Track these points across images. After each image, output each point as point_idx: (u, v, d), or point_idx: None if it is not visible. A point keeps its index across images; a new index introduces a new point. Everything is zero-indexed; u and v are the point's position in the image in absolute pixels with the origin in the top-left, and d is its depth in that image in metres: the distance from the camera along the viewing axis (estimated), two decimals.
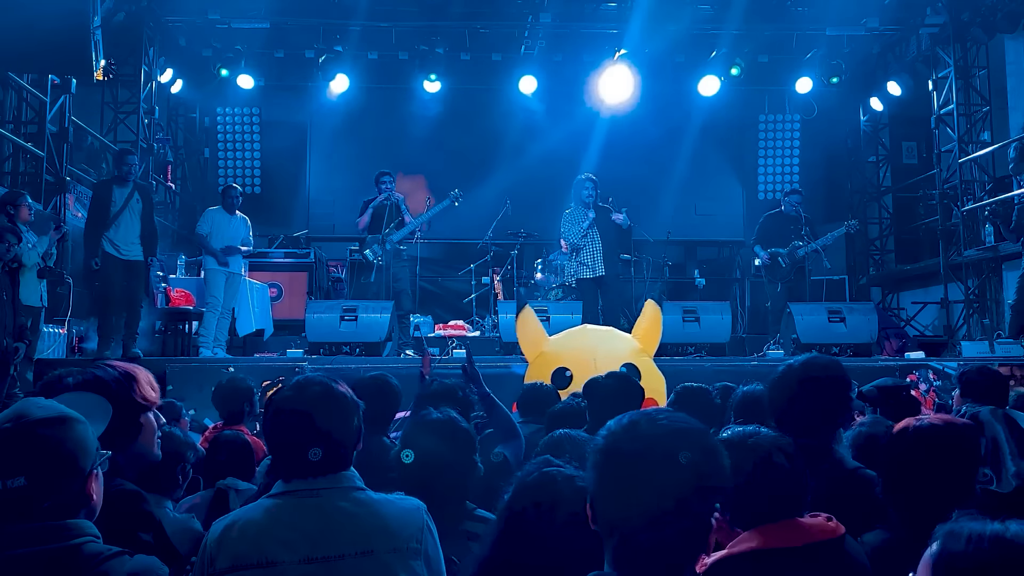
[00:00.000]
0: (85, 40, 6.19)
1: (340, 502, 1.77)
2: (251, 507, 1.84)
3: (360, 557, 1.72)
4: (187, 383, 6.24)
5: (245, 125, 11.77)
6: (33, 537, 1.52)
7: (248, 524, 1.75)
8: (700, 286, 10.35)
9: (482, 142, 11.25)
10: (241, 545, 1.72)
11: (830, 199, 12.14)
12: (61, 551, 1.52)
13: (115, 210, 7.01)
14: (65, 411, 1.62)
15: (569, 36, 10.32)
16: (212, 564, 1.72)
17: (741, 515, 1.79)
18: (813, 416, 2.38)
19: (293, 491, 1.78)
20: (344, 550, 1.71)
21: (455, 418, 2.38)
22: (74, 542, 1.54)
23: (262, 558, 1.70)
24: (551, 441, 2.53)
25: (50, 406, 1.63)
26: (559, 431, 2.60)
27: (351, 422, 1.86)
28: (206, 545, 1.76)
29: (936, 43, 10.20)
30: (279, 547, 1.71)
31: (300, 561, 1.69)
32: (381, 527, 1.76)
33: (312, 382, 1.88)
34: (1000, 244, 8.97)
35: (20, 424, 1.56)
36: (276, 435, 1.86)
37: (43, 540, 1.52)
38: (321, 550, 1.70)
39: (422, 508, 1.86)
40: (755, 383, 3.14)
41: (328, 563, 1.70)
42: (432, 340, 8.99)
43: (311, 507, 1.76)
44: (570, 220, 8.17)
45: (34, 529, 1.52)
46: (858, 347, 7.48)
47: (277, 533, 1.72)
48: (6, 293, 5.88)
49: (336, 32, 10.12)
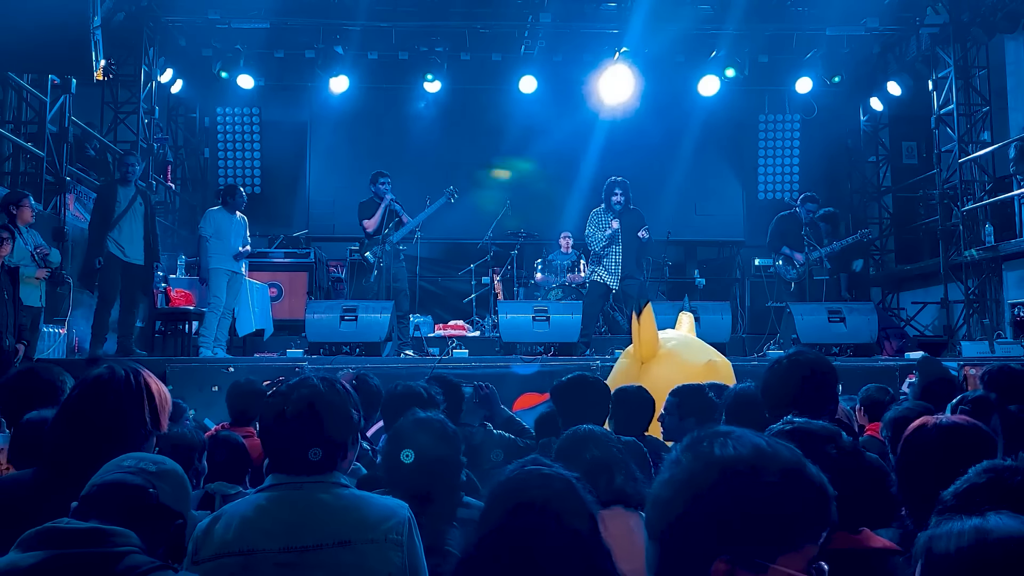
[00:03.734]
0: (85, 40, 6.19)
1: (321, 495, 1.82)
2: (239, 502, 1.90)
3: (337, 547, 1.76)
4: (187, 383, 6.25)
5: (245, 125, 11.77)
6: (80, 538, 1.51)
7: (234, 516, 1.81)
8: (700, 286, 10.35)
9: (482, 142, 11.25)
10: (226, 535, 1.77)
11: (830, 199, 12.11)
12: (104, 557, 1.50)
13: (119, 211, 7.04)
14: (177, 468, 1.74)
15: (569, 36, 10.32)
16: (196, 554, 1.77)
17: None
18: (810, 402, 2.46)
19: (278, 484, 1.84)
20: (322, 540, 1.76)
21: (443, 419, 2.47)
22: (117, 549, 1.52)
23: (243, 547, 1.75)
24: (575, 437, 2.52)
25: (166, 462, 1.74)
26: (583, 428, 2.58)
27: (342, 423, 1.89)
28: (193, 538, 1.80)
29: (936, 43, 10.20)
30: (260, 537, 1.76)
31: (279, 550, 1.74)
32: (359, 519, 1.81)
33: (304, 383, 1.91)
34: (1000, 244, 8.97)
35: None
36: (268, 435, 1.91)
37: (90, 542, 1.50)
38: (300, 540, 1.75)
39: (405, 507, 1.89)
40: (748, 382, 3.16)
41: (306, 552, 1.74)
42: (432, 340, 8.99)
43: (293, 500, 1.81)
44: (595, 223, 8.05)
45: (83, 530, 1.51)
46: (858, 347, 7.49)
47: (260, 524, 1.78)
48: (6, 293, 5.89)
49: (336, 32, 10.12)
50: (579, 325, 7.52)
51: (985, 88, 9.87)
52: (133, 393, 2.10)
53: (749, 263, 10.83)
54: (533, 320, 7.45)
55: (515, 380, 6.41)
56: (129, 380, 2.11)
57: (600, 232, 7.97)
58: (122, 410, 2.03)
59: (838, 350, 7.33)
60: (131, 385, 2.12)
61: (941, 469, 1.98)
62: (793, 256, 8.32)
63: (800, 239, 8.33)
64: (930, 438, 2.05)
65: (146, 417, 2.13)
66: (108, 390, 2.04)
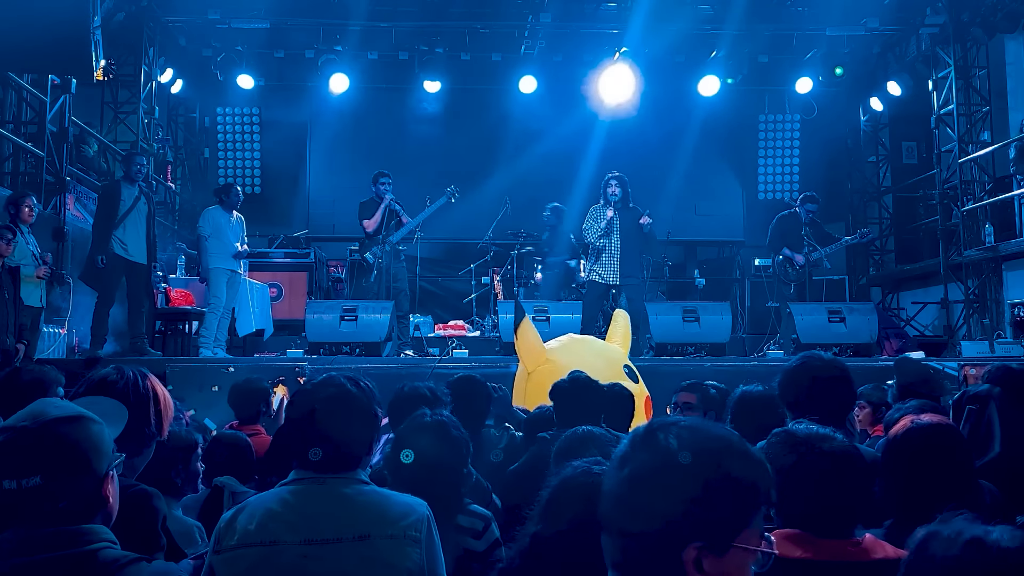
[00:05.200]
0: (85, 40, 6.19)
1: (344, 490, 1.86)
2: (264, 495, 1.92)
3: (357, 541, 1.79)
4: (187, 383, 6.24)
5: (245, 125, 11.78)
6: (48, 542, 1.49)
7: (257, 508, 1.85)
8: (700, 286, 10.35)
9: (482, 142, 11.25)
10: (248, 526, 1.81)
11: (830, 199, 12.11)
12: (77, 557, 1.49)
13: (123, 210, 7.05)
14: (81, 411, 1.60)
15: (569, 36, 10.32)
16: (219, 543, 1.81)
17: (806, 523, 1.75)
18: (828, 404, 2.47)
19: (301, 479, 1.88)
20: (341, 534, 1.79)
21: (448, 420, 2.46)
22: (90, 548, 1.52)
23: (266, 538, 1.79)
24: (574, 438, 2.52)
25: (66, 406, 1.61)
26: (581, 428, 2.58)
27: (366, 424, 1.93)
28: (217, 528, 1.85)
29: (936, 43, 10.20)
30: (283, 528, 1.80)
31: (301, 542, 1.78)
32: (379, 514, 1.83)
33: (331, 382, 1.94)
34: (1000, 244, 8.97)
35: (36, 423, 1.53)
36: (296, 431, 1.94)
37: (58, 546, 1.49)
38: (320, 533, 1.79)
39: (424, 504, 1.92)
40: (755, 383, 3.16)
41: (326, 545, 1.78)
42: (432, 340, 8.99)
43: (316, 493, 1.85)
44: (592, 217, 7.97)
45: (49, 534, 1.49)
46: (858, 347, 7.48)
47: (283, 516, 1.82)
48: (7, 292, 5.89)
49: (336, 32, 10.12)
50: (579, 325, 7.52)
51: (985, 88, 9.87)
52: (140, 395, 2.12)
53: (749, 263, 10.83)
54: (533, 320, 7.43)
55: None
56: (137, 383, 2.13)
57: (596, 224, 7.92)
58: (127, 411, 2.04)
59: (838, 350, 7.32)
60: (138, 387, 2.13)
61: (919, 470, 1.99)
62: (793, 257, 8.32)
63: (800, 239, 8.33)
64: (907, 439, 2.05)
65: (151, 420, 2.14)
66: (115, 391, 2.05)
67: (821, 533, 1.70)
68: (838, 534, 1.72)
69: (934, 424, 2.10)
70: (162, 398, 2.21)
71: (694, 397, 3.68)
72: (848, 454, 1.78)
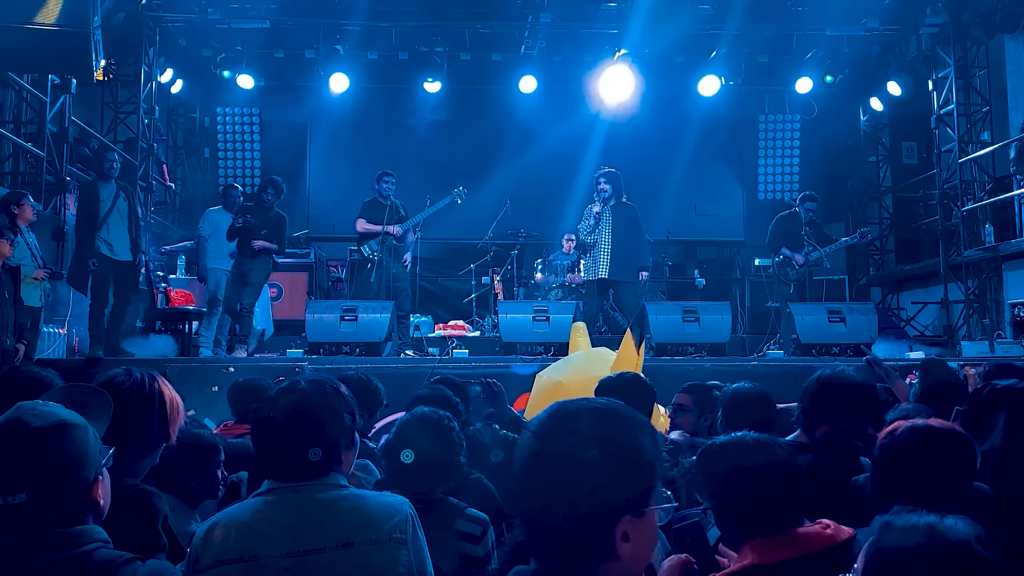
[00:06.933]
0: (85, 40, 6.18)
1: (320, 496, 1.79)
2: (236, 506, 1.85)
3: (340, 549, 1.72)
4: (187, 383, 6.23)
5: (245, 125, 11.77)
6: (41, 547, 1.47)
7: (232, 522, 1.77)
8: (700, 286, 10.35)
9: (482, 142, 11.25)
10: (225, 542, 1.73)
11: (830, 199, 12.11)
12: (70, 560, 1.48)
13: (104, 210, 7.01)
14: (63, 416, 1.55)
15: (569, 36, 10.32)
16: (197, 562, 1.72)
17: (739, 529, 1.79)
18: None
19: (276, 488, 1.80)
20: (325, 543, 1.72)
21: (442, 415, 2.43)
22: (83, 549, 1.50)
23: (244, 553, 1.71)
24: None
25: (47, 412, 1.55)
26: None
27: (332, 425, 1.85)
28: (192, 546, 1.76)
29: (936, 43, 10.20)
30: (261, 542, 1.72)
31: (282, 555, 1.70)
32: (362, 520, 1.77)
33: (292, 388, 1.87)
34: (1000, 244, 8.97)
35: (17, 436, 1.48)
36: (260, 441, 1.87)
37: (51, 550, 1.47)
38: (302, 543, 1.72)
39: (406, 502, 1.86)
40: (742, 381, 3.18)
41: (309, 556, 1.71)
42: (432, 340, 8.99)
43: (293, 502, 1.77)
44: (586, 215, 8.06)
45: (41, 539, 1.48)
46: (858, 347, 7.47)
47: (260, 528, 1.74)
48: (7, 292, 5.89)
49: (336, 32, 10.11)
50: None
51: (985, 88, 9.87)
52: (145, 397, 2.12)
53: (749, 263, 10.84)
54: (533, 320, 7.44)
55: (515, 380, 6.37)
56: (143, 384, 2.13)
57: (585, 221, 7.98)
58: (130, 412, 2.03)
59: (838, 350, 7.32)
60: (144, 389, 2.13)
61: (913, 473, 1.95)
62: (793, 257, 8.32)
63: (800, 239, 8.33)
64: (902, 442, 2.02)
65: (154, 422, 2.13)
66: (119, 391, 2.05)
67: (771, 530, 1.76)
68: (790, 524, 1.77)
69: (925, 427, 2.08)
70: (169, 401, 2.18)
71: (689, 399, 3.67)
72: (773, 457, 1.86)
